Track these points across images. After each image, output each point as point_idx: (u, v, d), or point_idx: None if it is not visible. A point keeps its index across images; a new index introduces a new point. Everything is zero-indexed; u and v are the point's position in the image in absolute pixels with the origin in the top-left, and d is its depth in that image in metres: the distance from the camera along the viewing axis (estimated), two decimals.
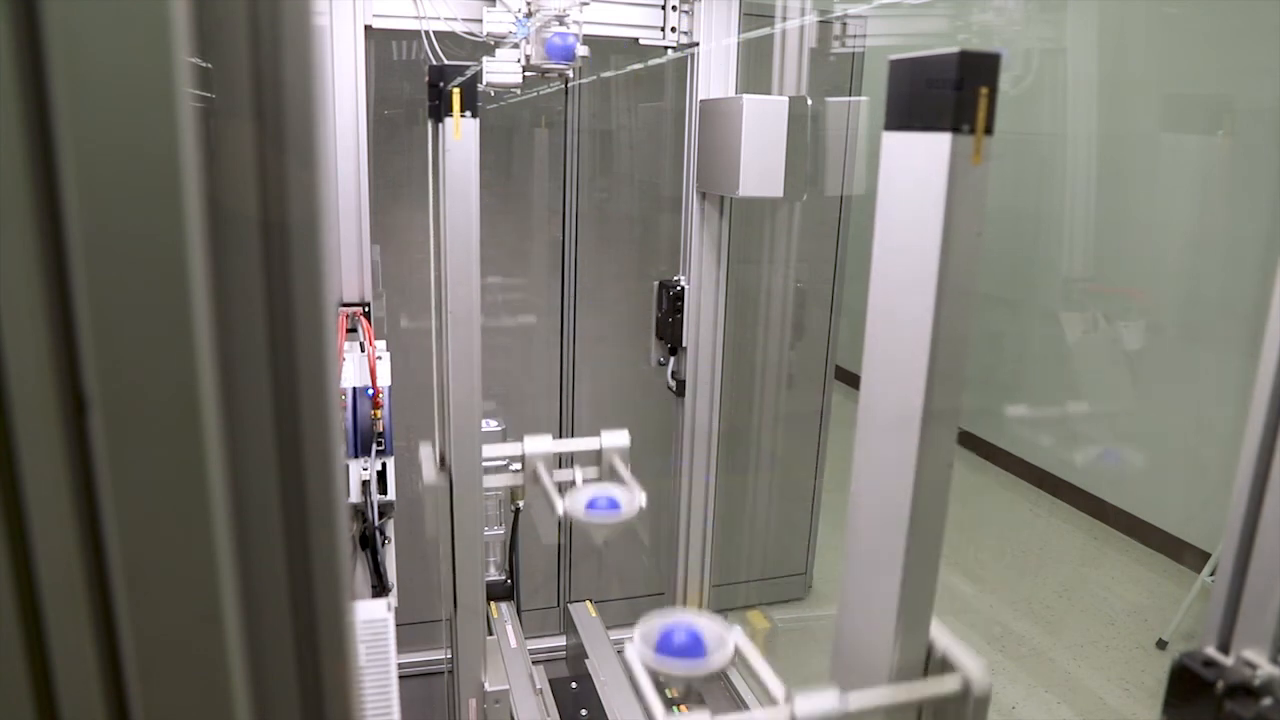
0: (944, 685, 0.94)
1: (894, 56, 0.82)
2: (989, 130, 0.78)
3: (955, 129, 0.77)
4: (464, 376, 1.95)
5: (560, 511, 1.72)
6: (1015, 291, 4.64)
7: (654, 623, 1.10)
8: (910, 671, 0.96)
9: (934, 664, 0.97)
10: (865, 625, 0.97)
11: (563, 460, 1.94)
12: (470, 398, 1.97)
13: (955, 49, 0.76)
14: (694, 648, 1.06)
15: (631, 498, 1.76)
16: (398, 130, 2.76)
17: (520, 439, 1.89)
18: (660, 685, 1.04)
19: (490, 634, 2.51)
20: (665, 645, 1.07)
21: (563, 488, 1.82)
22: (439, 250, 1.93)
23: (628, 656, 1.04)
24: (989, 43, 3.22)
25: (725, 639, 1.09)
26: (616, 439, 1.95)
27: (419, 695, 2.81)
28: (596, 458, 1.95)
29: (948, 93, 0.77)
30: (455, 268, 1.90)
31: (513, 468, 1.96)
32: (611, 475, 1.92)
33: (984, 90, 0.77)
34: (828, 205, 3.09)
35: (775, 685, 1.00)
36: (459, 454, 2.00)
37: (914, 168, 0.82)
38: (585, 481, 1.84)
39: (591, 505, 1.71)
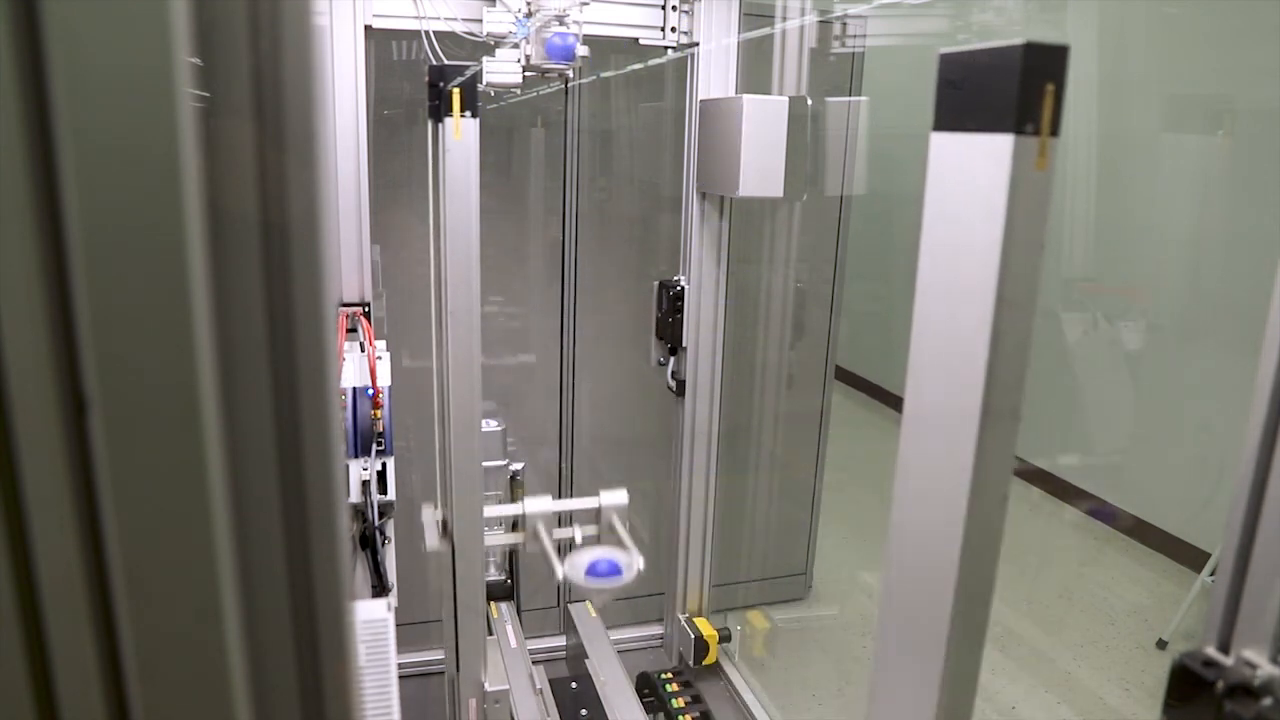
0: None
1: (945, 49, 0.74)
2: (1055, 131, 0.71)
3: (1019, 130, 0.70)
4: (464, 376, 1.95)
5: (560, 575, 1.74)
6: None
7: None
8: None
9: None
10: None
11: (562, 518, 1.97)
12: (470, 398, 1.97)
13: (1020, 40, 0.68)
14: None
15: (631, 561, 1.78)
16: (398, 130, 2.76)
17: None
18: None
19: (490, 634, 2.51)
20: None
21: (561, 547, 1.85)
22: (439, 250, 1.93)
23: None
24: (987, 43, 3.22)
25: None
26: (615, 498, 1.97)
27: (419, 695, 2.81)
28: (595, 516, 1.98)
29: (1011, 90, 0.69)
30: (455, 268, 1.90)
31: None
32: (610, 533, 1.94)
33: (1051, 87, 0.70)
34: (828, 205, 3.09)
35: None
36: (459, 453, 1.99)
37: (969, 172, 0.73)
38: (584, 540, 1.87)
39: (592, 570, 1.72)
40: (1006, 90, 0.69)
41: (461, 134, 1.81)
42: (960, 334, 0.76)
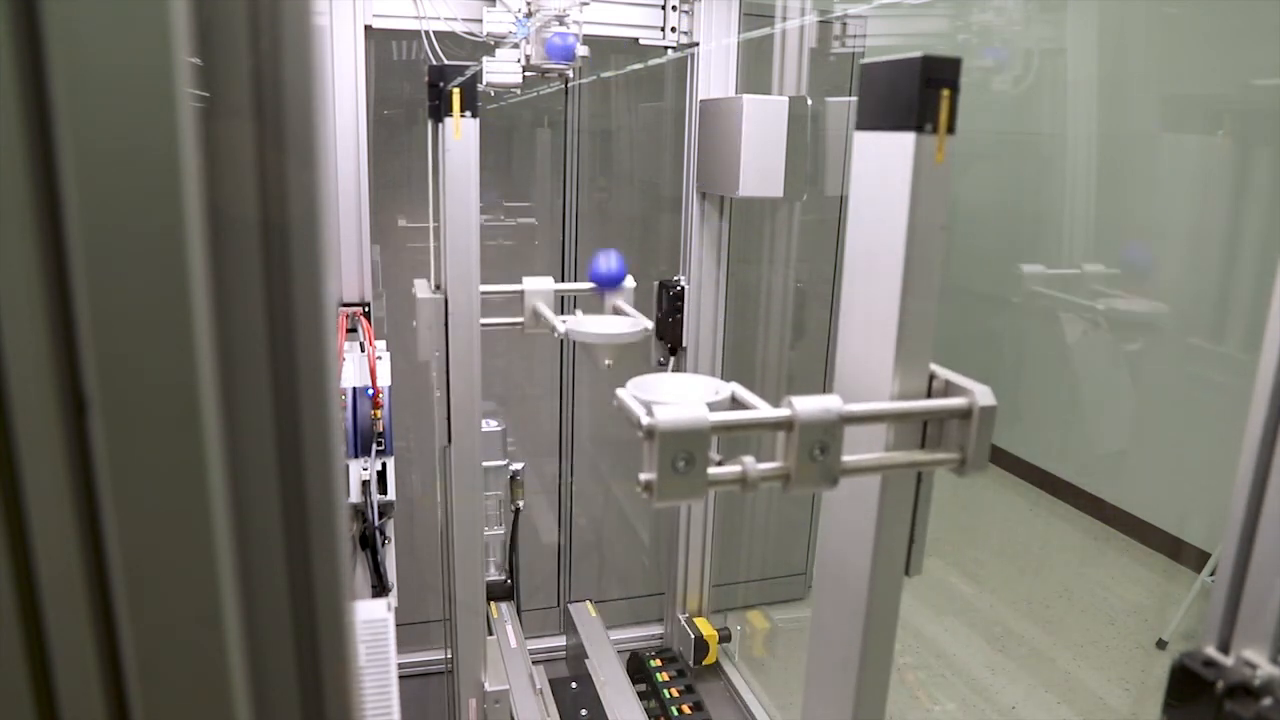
0: None
1: (865, 60, 0.88)
2: (951, 130, 0.83)
3: (919, 129, 0.82)
4: (464, 377, 1.95)
5: (562, 330, 1.67)
6: (1015, 291, 4.64)
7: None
8: None
9: None
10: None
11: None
12: (470, 398, 1.96)
13: (919, 53, 0.81)
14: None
15: (636, 323, 1.69)
16: (398, 130, 2.76)
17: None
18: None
19: (490, 634, 2.51)
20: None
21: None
22: (439, 249, 1.93)
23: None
24: (989, 42, 3.22)
25: None
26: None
27: (419, 695, 2.82)
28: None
29: (912, 95, 0.82)
30: (455, 267, 1.90)
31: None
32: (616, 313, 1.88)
33: (946, 92, 0.82)
34: (828, 205, 3.09)
35: None
36: (459, 453, 1.99)
37: (882, 165, 0.87)
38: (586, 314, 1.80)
39: (595, 273, 1.61)
40: (909, 95, 0.82)
41: (461, 134, 1.81)
42: (877, 304, 0.89)
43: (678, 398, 0.97)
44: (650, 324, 1.70)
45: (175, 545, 0.44)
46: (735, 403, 1.01)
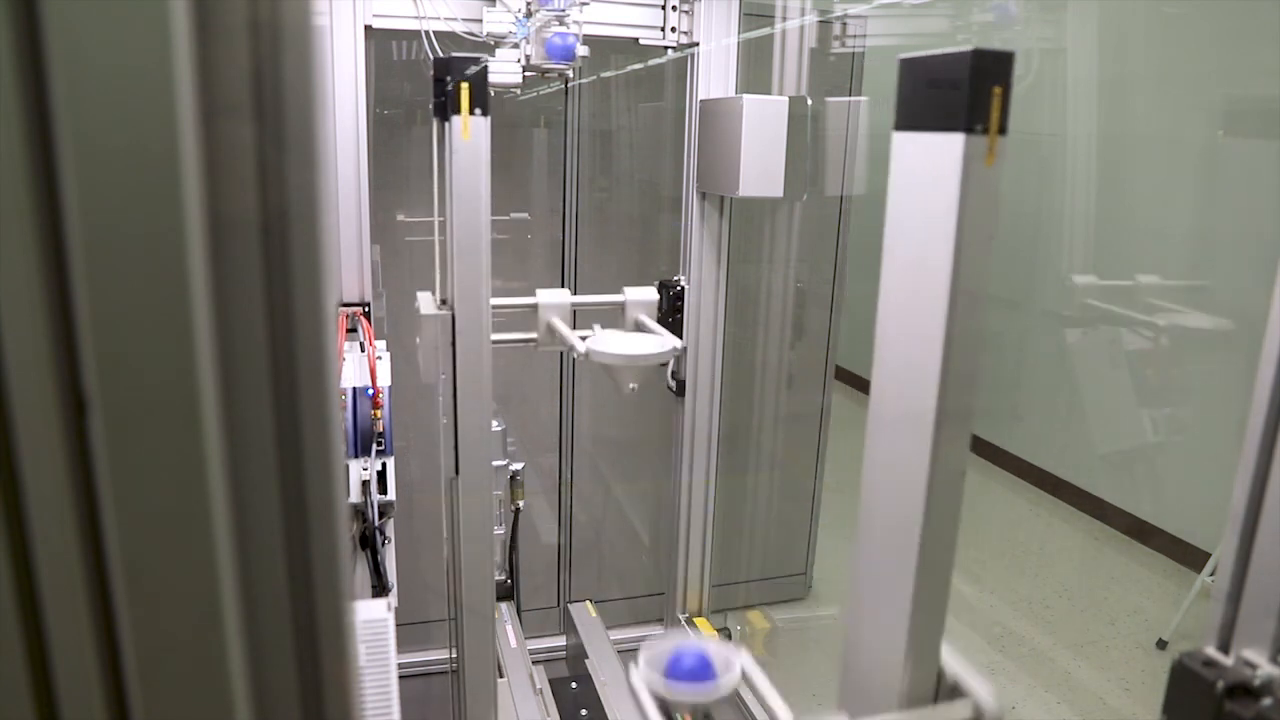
0: (954, 713, 0.92)
1: (904, 55, 0.80)
2: (1003, 130, 0.77)
3: (968, 129, 0.76)
4: (471, 380, 1.93)
5: (583, 349, 1.54)
6: (1015, 291, 4.64)
7: (659, 647, 1.05)
8: (920, 698, 0.93)
9: (944, 690, 0.94)
10: (875, 648, 0.95)
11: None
12: (479, 401, 1.94)
13: (969, 47, 0.74)
14: (702, 671, 1.03)
15: (664, 341, 1.53)
16: (397, 130, 2.76)
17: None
18: (668, 712, 1.01)
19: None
20: (674, 670, 1.03)
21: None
22: (446, 252, 1.89)
23: (634, 684, 0.99)
24: (988, 43, 3.22)
25: (732, 661, 1.05)
26: (642, 294, 1.76)
27: (419, 695, 2.82)
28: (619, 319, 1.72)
29: (961, 92, 0.75)
30: (463, 271, 1.83)
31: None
32: (637, 329, 1.72)
33: (997, 90, 0.75)
34: (828, 205, 3.09)
35: (781, 709, 0.97)
36: (467, 457, 1.98)
37: (926, 169, 0.80)
38: (605, 328, 1.64)
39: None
40: (957, 93, 0.75)
41: (471, 133, 1.69)
42: (920, 318, 0.83)
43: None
44: (680, 343, 1.57)
45: (175, 545, 0.44)
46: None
